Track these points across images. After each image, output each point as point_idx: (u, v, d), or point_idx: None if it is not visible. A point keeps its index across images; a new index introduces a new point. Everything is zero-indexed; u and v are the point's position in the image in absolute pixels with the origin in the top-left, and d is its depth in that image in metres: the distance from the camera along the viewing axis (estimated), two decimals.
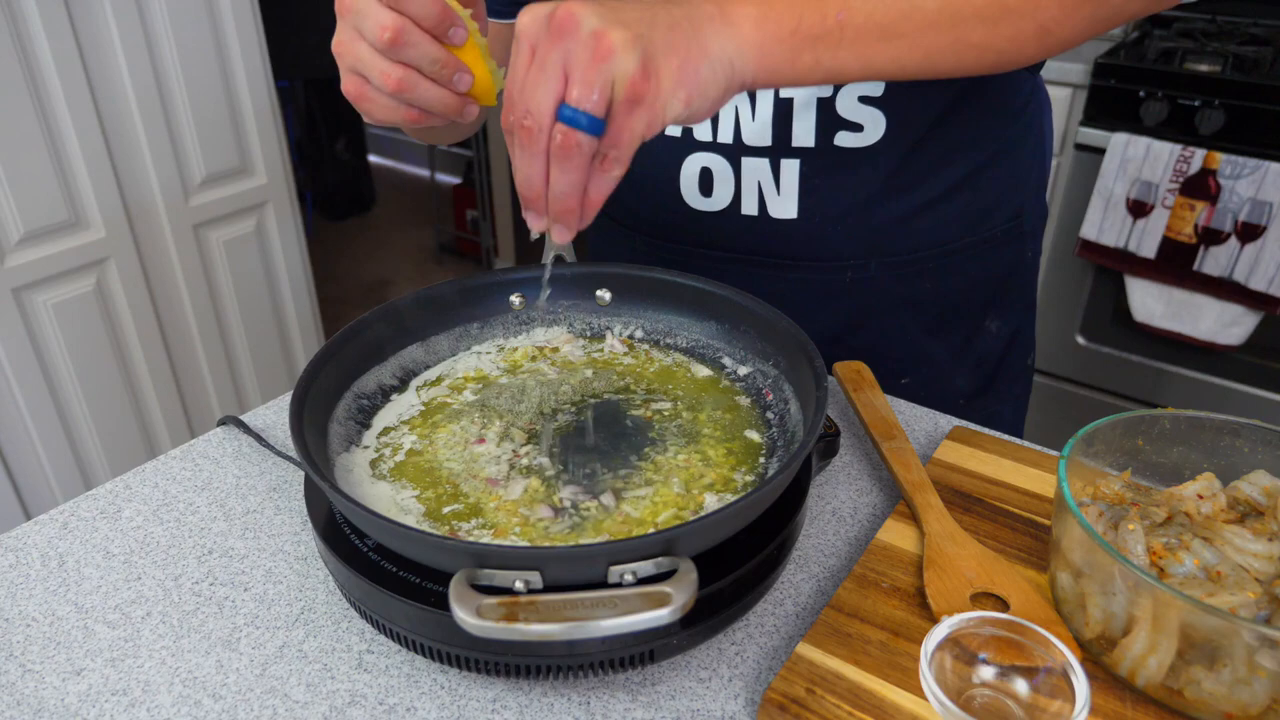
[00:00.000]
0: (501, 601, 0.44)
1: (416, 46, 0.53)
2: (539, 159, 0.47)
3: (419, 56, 0.53)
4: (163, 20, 1.61)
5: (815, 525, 0.65)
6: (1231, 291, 1.73)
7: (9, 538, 0.65)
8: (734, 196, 0.80)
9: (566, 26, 0.45)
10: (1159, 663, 0.46)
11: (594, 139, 0.46)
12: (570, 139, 0.46)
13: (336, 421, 0.64)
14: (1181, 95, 1.72)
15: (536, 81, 0.45)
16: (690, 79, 0.47)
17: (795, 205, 0.79)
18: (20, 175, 1.47)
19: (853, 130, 0.75)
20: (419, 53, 0.53)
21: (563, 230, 0.51)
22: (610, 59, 0.44)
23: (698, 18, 0.49)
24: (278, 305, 1.99)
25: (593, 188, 0.49)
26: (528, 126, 0.46)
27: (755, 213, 0.80)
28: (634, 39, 0.45)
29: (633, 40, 0.45)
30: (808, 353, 0.61)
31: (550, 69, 0.45)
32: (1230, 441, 0.56)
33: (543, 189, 0.48)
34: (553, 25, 0.45)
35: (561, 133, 0.46)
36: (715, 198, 0.81)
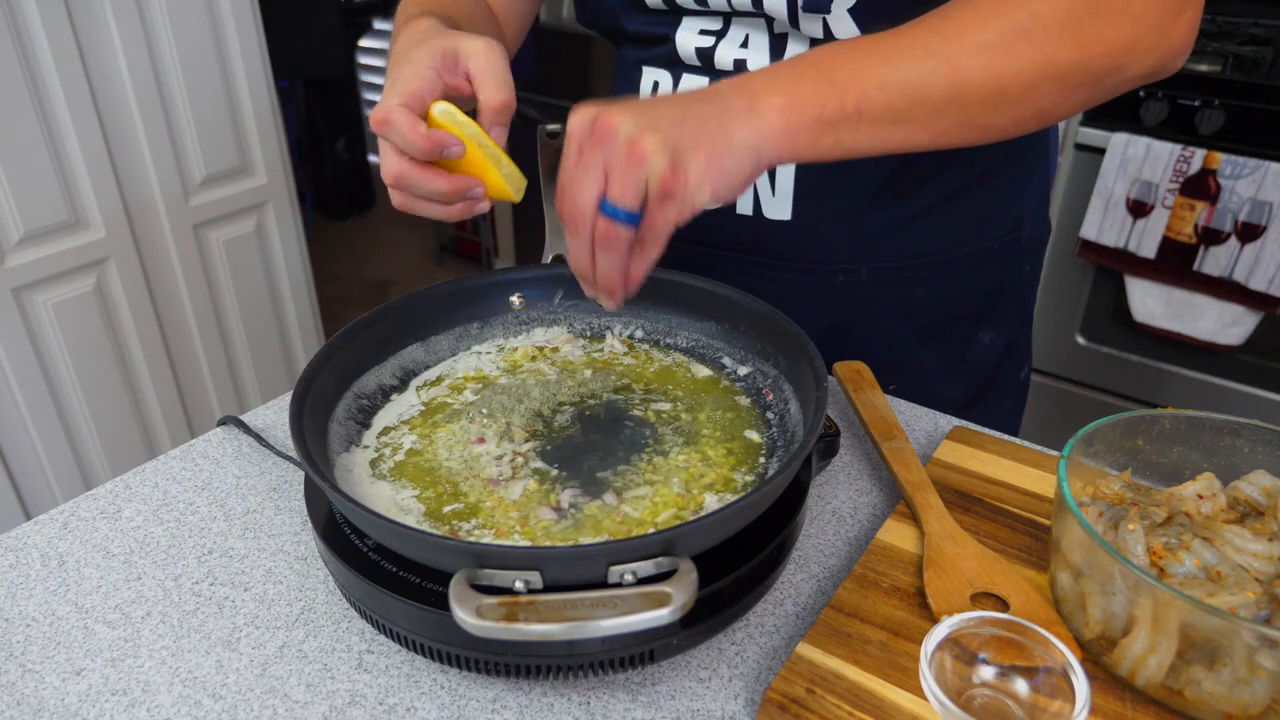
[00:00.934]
0: (501, 601, 0.44)
1: (419, 185, 0.61)
2: (586, 244, 0.54)
3: (425, 192, 0.61)
4: (163, 20, 1.61)
5: (815, 525, 0.65)
6: (1231, 291, 1.73)
7: (9, 538, 0.65)
8: None
9: (605, 133, 0.52)
10: (1159, 663, 0.46)
11: (631, 228, 0.53)
12: (611, 230, 0.53)
13: (336, 421, 0.64)
14: (1181, 95, 1.72)
15: (581, 180, 0.53)
16: (715, 171, 0.53)
17: (789, 207, 0.79)
18: (20, 175, 1.47)
19: None
20: (423, 190, 0.61)
21: (610, 300, 0.58)
22: (644, 163, 0.51)
23: (726, 113, 0.54)
24: (278, 305, 1.99)
25: (634, 267, 0.56)
26: (575, 218, 0.54)
27: (750, 212, 0.81)
28: (664, 141, 0.51)
29: (663, 143, 0.51)
30: (808, 353, 0.62)
31: (593, 169, 0.52)
32: (1230, 441, 0.56)
33: (590, 268, 0.56)
34: (595, 131, 0.52)
35: (603, 224, 0.53)
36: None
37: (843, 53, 0.57)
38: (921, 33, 0.57)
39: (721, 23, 0.76)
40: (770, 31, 0.74)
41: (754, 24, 0.75)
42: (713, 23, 0.76)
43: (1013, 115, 0.59)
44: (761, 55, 0.75)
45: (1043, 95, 0.58)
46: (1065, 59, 0.56)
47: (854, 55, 0.56)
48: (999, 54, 0.56)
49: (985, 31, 0.56)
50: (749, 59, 0.75)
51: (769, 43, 0.74)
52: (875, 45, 0.57)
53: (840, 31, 0.70)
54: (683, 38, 0.77)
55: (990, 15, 0.56)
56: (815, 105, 0.55)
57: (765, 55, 0.75)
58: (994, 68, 0.56)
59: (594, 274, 0.56)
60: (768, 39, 0.74)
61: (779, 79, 0.56)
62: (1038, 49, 0.56)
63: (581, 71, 2.51)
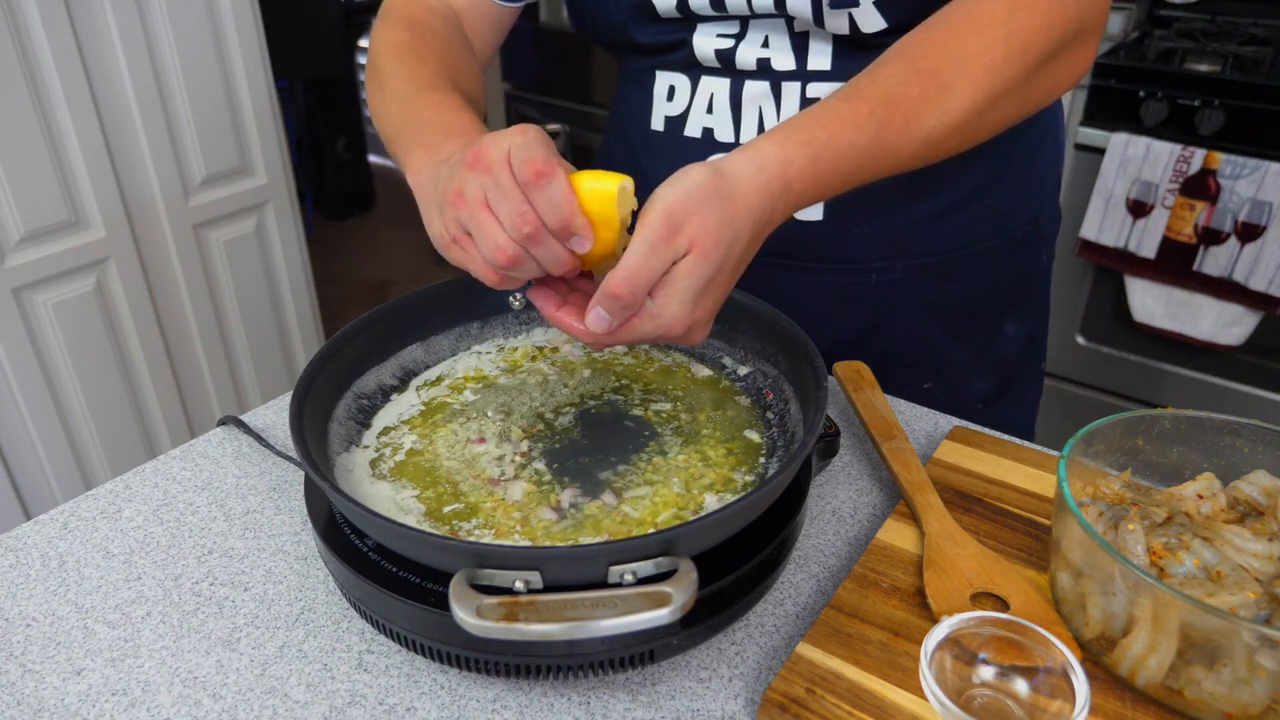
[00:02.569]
0: (501, 601, 0.44)
1: (546, 247, 0.53)
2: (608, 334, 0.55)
3: (544, 256, 0.54)
4: (163, 20, 1.61)
5: (815, 525, 0.65)
6: (1231, 291, 1.73)
7: (9, 538, 0.65)
8: None
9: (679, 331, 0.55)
10: (1159, 663, 0.46)
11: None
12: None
13: (336, 421, 0.64)
14: (1181, 95, 1.72)
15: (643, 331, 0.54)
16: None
17: (821, 208, 0.79)
18: (20, 175, 1.47)
19: None
20: (545, 253, 0.53)
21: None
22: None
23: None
24: (278, 305, 1.99)
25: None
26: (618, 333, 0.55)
27: None
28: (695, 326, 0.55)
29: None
30: (808, 353, 0.61)
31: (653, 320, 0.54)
32: (1230, 441, 0.56)
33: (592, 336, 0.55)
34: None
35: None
36: None
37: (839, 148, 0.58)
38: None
39: (739, 25, 0.75)
40: (791, 30, 0.73)
41: (773, 24, 0.74)
42: (730, 26, 0.75)
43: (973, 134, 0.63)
44: (784, 54, 0.74)
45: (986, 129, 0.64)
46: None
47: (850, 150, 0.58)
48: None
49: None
50: (772, 58, 0.74)
51: (790, 41, 0.74)
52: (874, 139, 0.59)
53: (866, 24, 0.69)
54: (700, 42, 0.76)
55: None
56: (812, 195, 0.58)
57: (789, 54, 0.74)
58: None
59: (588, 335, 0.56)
60: (788, 38, 0.74)
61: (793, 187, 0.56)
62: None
63: (581, 71, 2.51)
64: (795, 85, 0.75)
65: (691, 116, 0.80)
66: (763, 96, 0.76)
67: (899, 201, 0.79)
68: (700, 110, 0.80)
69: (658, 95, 0.83)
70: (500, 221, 0.52)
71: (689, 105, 0.80)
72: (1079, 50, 0.65)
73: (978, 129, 0.62)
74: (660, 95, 0.82)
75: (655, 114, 0.84)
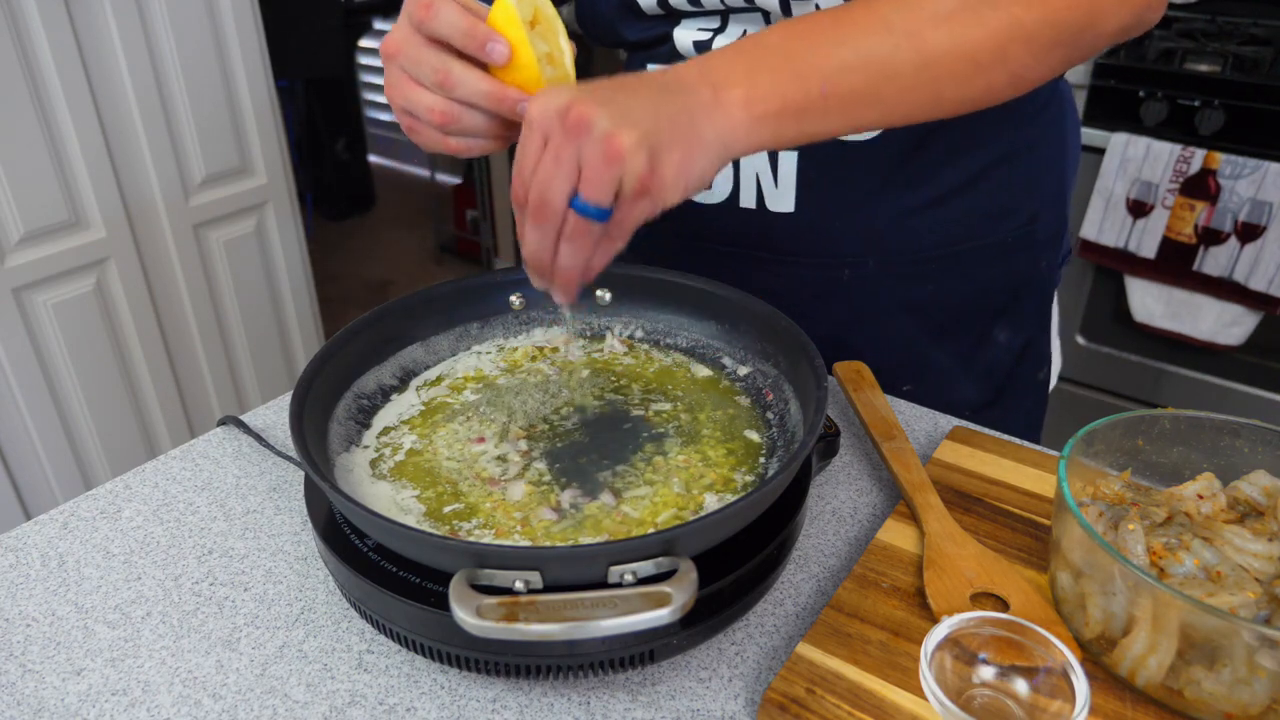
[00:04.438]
0: (501, 601, 0.44)
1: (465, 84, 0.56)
2: (550, 237, 0.52)
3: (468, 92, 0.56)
4: (163, 20, 1.61)
5: (815, 525, 0.65)
6: (1231, 291, 1.73)
7: (9, 538, 0.65)
8: (733, 189, 0.80)
9: (580, 126, 0.49)
10: (1159, 663, 0.46)
11: (601, 224, 0.51)
12: (581, 225, 0.51)
13: (336, 421, 0.64)
14: (1181, 95, 1.72)
15: (552, 173, 0.50)
16: (688, 170, 0.52)
17: (793, 198, 0.78)
18: (20, 175, 1.47)
19: None
20: (468, 89, 0.56)
21: (564, 294, 0.56)
22: (621, 161, 0.49)
23: (694, 107, 0.52)
24: (278, 305, 1.99)
25: (595, 259, 0.54)
26: (543, 212, 0.51)
27: (754, 205, 0.80)
28: (641, 139, 0.49)
29: (640, 140, 0.49)
30: (808, 353, 0.61)
31: (565, 163, 0.50)
32: (1230, 441, 0.56)
33: (551, 260, 0.53)
34: (567, 123, 0.49)
35: (573, 220, 0.51)
36: (714, 190, 0.81)
37: (800, 34, 0.55)
38: (880, 7, 0.56)
39: (719, 20, 0.76)
40: (767, 23, 0.74)
41: (750, 19, 0.74)
42: (710, 21, 0.76)
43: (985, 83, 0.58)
44: None
45: (1014, 59, 0.57)
46: (1032, 18, 0.55)
47: (813, 37, 0.55)
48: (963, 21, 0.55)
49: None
50: None
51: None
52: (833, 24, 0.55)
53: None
54: (680, 35, 0.77)
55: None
56: (777, 96, 0.53)
57: None
58: (960, 36, 0.55)
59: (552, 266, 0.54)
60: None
61: (737, 68, 0.54)
62: (1002, 11, 0.55)
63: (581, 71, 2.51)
64: None
65: None
66: None
67: (875, 195, 0.77)
68: None
69: None
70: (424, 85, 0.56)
71: None
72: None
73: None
74: None
75: None
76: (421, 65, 0.56)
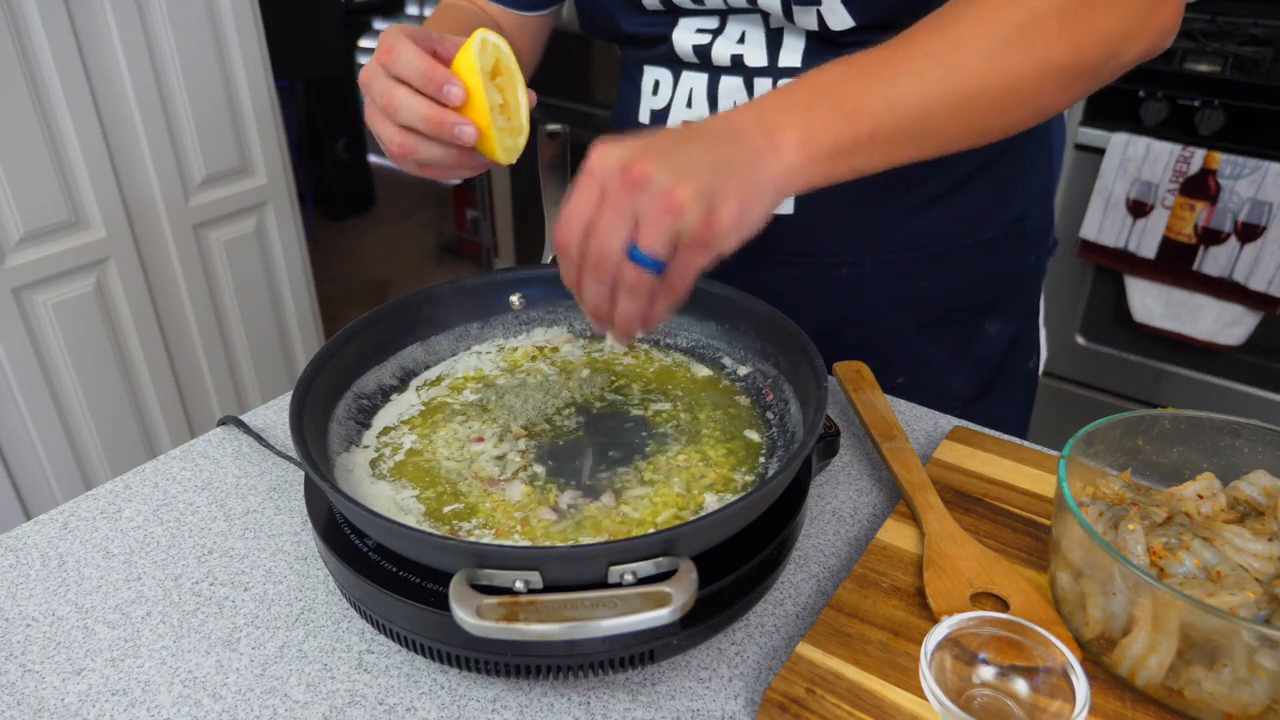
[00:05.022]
0: (501, 601, 0.44)
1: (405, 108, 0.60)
2: (608, 288, 0.53)
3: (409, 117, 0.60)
4: (163, 20, 1.61)
5: (815, 525, 0.65)
6: (1231, 291, 1.73)
7: (9, 538, 0.65)
8: None
9: (640, 181, 0.50)
10: (1159, 663, 0.46)
11: (658, 275, 0.52)
12: (639, 276, 0.52)
13: (336, 421, 0.64)
14: (1181, 95, 1.72)
15: (610, 226, 0.51)
16: (745, 218, 0.53)
17: (792, 201, 0.79)
18: (20, 175, 1.47)
19: None
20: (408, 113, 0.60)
21: (623, 340, 0.58)
22: (680, 214, 0.50)
23: (751, 154, 0.53)
24: (278, 305, 1.99)
25: (656, 308, 0.54)
26: (599, 263, 0.52)
27: None
28: (699, 192, 0.50)
29: (697, 193, 0.50)
30: (808, 353, 0.61)
31: (623, 216, 0.50)
32: (1230, 441, 0.56)
33: (610, 310, 0.54)
34: (628, 177, 0.50)
35: (631, 271, 0.52)
36: None
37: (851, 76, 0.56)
38: (925, 42, 0.57)
39: (718, 20, 0.76)
40: (766, 26, 0.75)
41: (750, 20, 0.75)
42: (709, 21, 0.77)
43: (1019, 115, 0.60)
44: (758, 50, 0.75)
45: (1045, 93, 0.59)
46: (1064, 56, 0.57)
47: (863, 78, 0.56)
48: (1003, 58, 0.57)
49: (988, 36, 0.56)
50: (745, 54, 0.76)
51: (765, 37, 0.75)
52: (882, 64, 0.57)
53: (834, 21, 0.70)
54: (680, 36, 0.78)
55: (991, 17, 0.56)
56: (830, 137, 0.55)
57: (762, 50, 0.75)
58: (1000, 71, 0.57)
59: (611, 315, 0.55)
60: (764, 33, 0.75)
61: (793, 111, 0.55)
62: (1038, 49, 0.57)
63: (582, 71, 2.51)
64: (767, 81, 0.76)
65: (673, 110, 0.82)
66: (736, 91, 0.77)
67: (868, 199, 0.79)
68: (681, 104, 0.81)
69: (644, 89, 0.84)
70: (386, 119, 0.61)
71: (670, 99, 0.82)
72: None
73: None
74: (647, 89, 0.84)
75: (643, 107, 0.85)
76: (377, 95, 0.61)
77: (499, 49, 0.62)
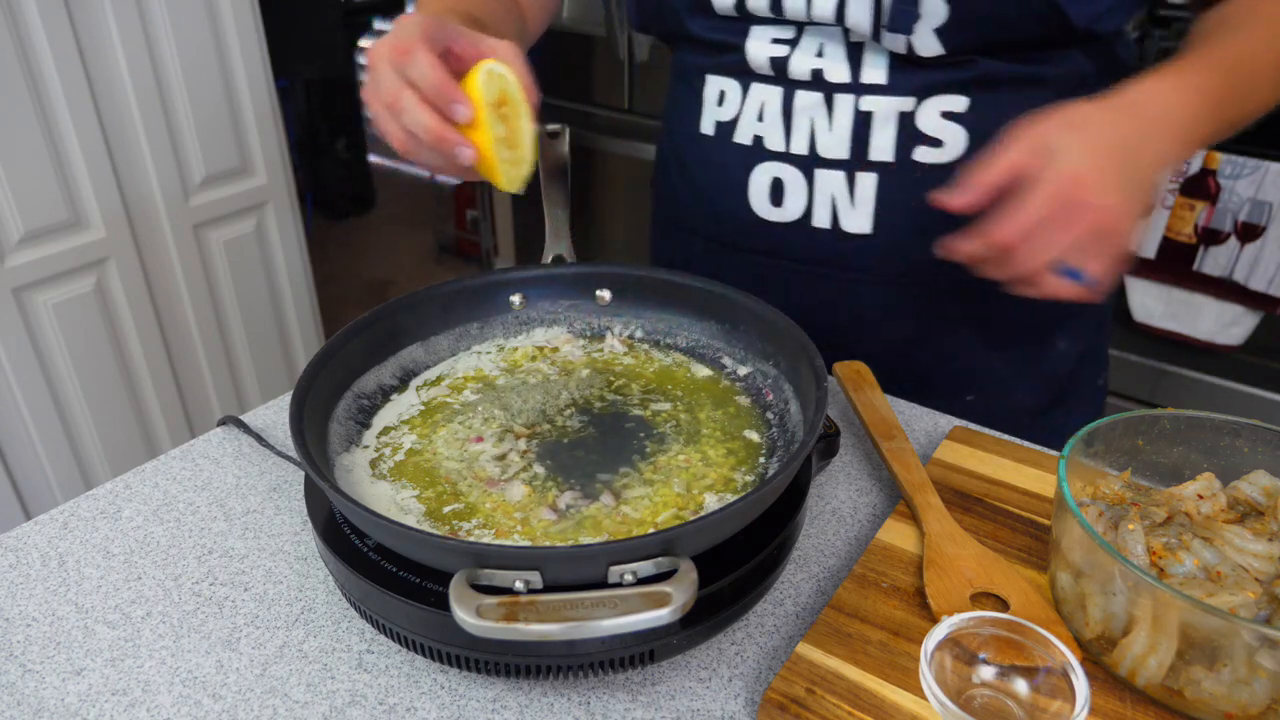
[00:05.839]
0: (501, 601, 0.44)
1: (409, 114, 0.59)
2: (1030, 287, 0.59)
3: (412, 123, 0.59)
4: (163, 20, 1.61)
5: (815, 525, 0.65)
6: (1231, 291, 1.73)
7: (9, 538, 0.65)
8: (806, 208, 0.80)
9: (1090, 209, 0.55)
10: (1159, 663, 0.46)
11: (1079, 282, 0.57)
12: (1064, 286, 0.57)
13: (336, 421, 0.64)
14: None
15: (1048, 243, 0.56)
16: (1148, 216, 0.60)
17: (870, 220, 0.78)
18: (20, 175, 1.47)
19: (932, 146, 0.75)
20: (411, 119, 0.59)
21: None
22: (1118, 241, 0.55)
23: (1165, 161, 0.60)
24: (278, 305, 1.99)
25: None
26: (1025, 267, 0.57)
27: (828, 225, 0.79)
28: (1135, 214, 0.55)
29: (1134, 216, 0.55)
30: (808, 353, 0.61)
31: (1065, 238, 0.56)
32: (1230, 441, 0.56)
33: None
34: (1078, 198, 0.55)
35: (1054, 281, 0.58)
36: (786, 208, 0.80)
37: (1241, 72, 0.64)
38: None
39: (794, 31, 0.74)
40: (846, 40, 0.73)
41: (828, 33, 0.73)
42: (784, 31, 0.75)
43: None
44: (839, 65, 0.74)
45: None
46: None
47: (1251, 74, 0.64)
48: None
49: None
50: (826, 69, 0.74)
51: (845, 51, 0.73)
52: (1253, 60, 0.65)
53: (923, 48, 0.69)
54: (754, 47, 0.76)
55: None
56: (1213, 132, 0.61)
57: (843, 65, 0.74)
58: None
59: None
60: (844, 48, 0.73)
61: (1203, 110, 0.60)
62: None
63: (582, 71, 2.51)
64: (849, 98, 0.74)
65: (741, 123, 0.80)
66: (815, 108, 0.75)
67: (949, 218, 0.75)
68: (751, 118, 0.79)
69: (708, 99, 0.82)
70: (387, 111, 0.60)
71: (739, 112, 0.80)
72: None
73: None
74: (710, 99, 0.82)
75: (705, 118, 0.83)
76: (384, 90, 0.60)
77: (505, 79, 0.61)
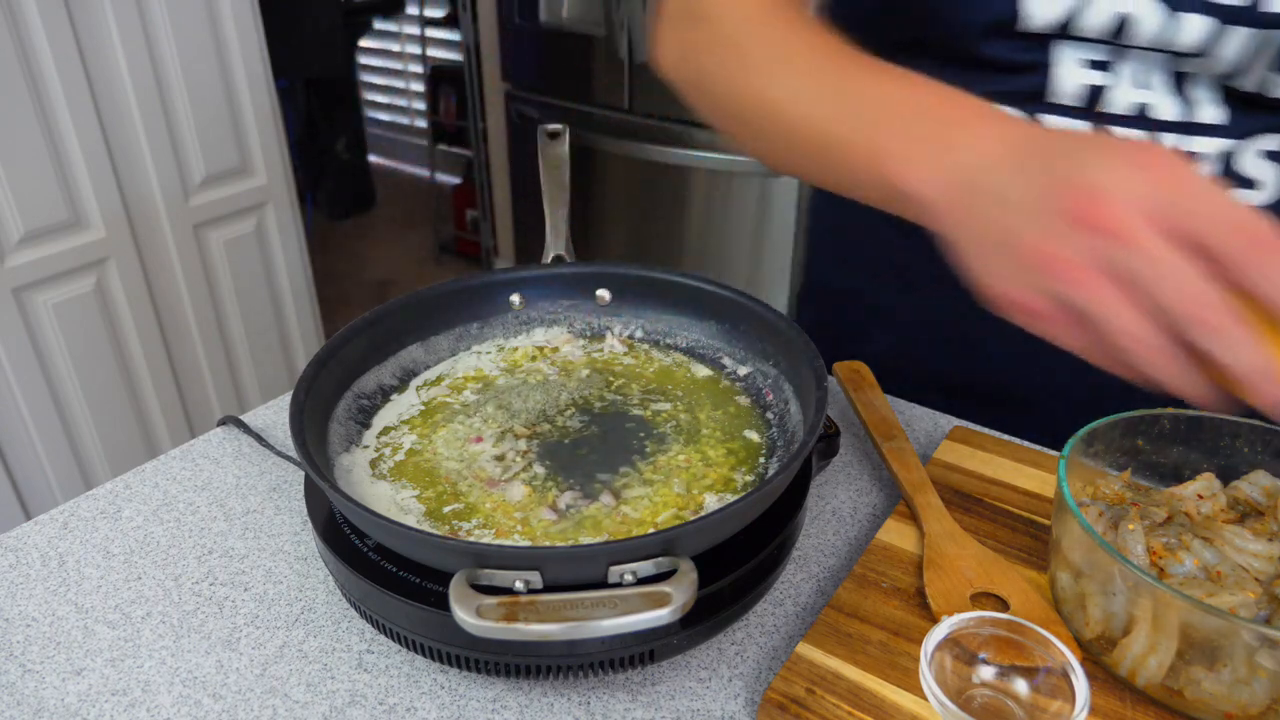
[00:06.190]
0: (501, 601, 0.44)
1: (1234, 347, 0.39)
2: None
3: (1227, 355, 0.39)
4: (163, 20, 1.61)
5: (815, 525, 0.65)
6: None
7: (9, 538, 0.65)
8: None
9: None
10: (1159, 663, 0.46)
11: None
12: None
13: (336, 421, 0.64)
14: None
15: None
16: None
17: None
18: (20, 175, 1.47)
19: (1247, 188, 0.66)
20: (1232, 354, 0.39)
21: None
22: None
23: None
24: (278, 305, 1.99)
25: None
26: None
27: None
28: None
29: None
30: (808, 353, 0.61)
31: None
32: (1230, 441, 0.56)
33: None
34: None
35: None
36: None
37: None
38: None
39: (1107, 54, 0.62)
40: (1170, 70, 0.62)
41: (1151, 59, 0.61)
42: (1098, 53, 0.62)
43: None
44: (1167, 99, 0.63)
45: None
46: None
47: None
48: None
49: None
50: (1153, 103, 0.63)
51: (1172, 83, 0.63)
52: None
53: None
54: (1065, 74, 0.63)
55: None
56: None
57: (1171, 99, 0.63)
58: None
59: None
60: (1170, 78, 0.62)
61: None
62: None
63: (582, 71, 2.51)
64: (1173, 139, 0.63)
65: None
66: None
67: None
68: None
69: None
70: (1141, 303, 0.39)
71: None
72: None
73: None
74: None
75: None
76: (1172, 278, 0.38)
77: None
